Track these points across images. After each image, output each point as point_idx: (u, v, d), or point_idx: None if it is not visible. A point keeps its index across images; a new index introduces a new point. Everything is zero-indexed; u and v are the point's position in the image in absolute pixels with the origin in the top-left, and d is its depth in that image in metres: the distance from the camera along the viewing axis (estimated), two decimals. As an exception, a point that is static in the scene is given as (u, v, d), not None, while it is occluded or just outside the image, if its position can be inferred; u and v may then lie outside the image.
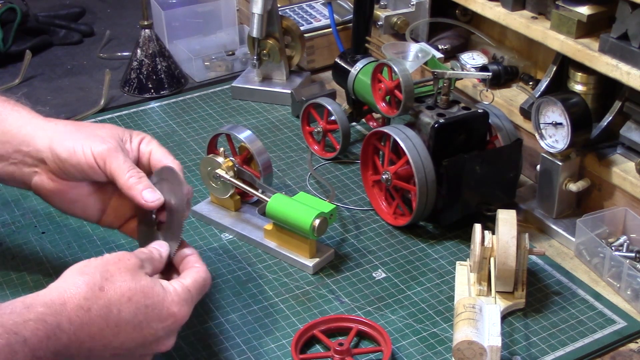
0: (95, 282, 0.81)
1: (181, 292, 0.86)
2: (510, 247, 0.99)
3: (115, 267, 0.83)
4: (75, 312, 0.79)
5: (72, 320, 0.78)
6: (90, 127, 0.98)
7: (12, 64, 1.70)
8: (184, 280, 0.88)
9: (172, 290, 0.86)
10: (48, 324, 0.77)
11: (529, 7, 1.26)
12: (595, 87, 1.18)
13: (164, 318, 0.84)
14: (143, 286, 0.83)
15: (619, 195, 1.15)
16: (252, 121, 1.47)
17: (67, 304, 0.79)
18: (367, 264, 1.12)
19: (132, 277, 0.83)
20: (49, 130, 0.96)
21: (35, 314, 0.77)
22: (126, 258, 0.85)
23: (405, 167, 1.14)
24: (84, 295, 0.80)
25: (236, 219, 1.19)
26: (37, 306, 0.77)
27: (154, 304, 0.83)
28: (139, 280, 0.83)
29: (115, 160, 0.94)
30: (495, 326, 0.90)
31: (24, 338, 0.75)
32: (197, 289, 0.89)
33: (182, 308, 0.86)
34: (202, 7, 1.73)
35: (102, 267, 0.82)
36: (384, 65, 1.19)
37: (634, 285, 1.04)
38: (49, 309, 0.78)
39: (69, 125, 0.98)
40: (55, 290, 0.80)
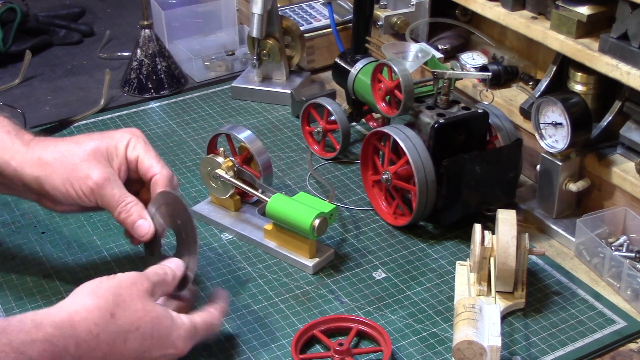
0: (108, 308, 0.81)
1: (188, 329, 0.87)
2: (510, 247, 0.99)
3: (127, 293, 0.83)
4: (84, 336, 0.79)
5: (79, 344, 0.79)
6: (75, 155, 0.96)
7: (12, 64, 1.70)
8: (194, 318, 0.89)
9: (181, 324, 0.87)
10: (55, 346, 0.77)
11: (529, 7, 1.26)
12: (595, 87, 1.18)
13: (167, 348, 0.85)
14: (153, 317, 0.84)
15: (619, 195, 1.15)
16: (252, 121, 1.47)
17: (77, 328, 0.79)
18: (367, 264, 1.12)
19: (143, 306, 0.83)
20: (33, 167, 0.96)
21: (43, 335, 0.77)
22: (139, 282, 0.85)
23: (405, 167, 1.14)
24: (94, 321, 0.80)
25: (236, 219, 1.19)
26: (46, 326, 0.77)
27: (160, 336, 0.84)
28: (150, 311, 0.84)
29: (105, 194, 0.94)
30: (495, 326, 0.90)
31: (30, 358, 0.75)
32: (204, 330, 0.90)
33: (186, 342, 0.87)
34: (202, 7, 1.73)
35: (114, 290, 0.83)
36: (384, 65, 1.19)
37: (634, 285, 1.04)
38: (57, 331, 0.78)
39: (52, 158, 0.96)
40: (65, 310, 0.80)
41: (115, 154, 0.98)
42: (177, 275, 0.91)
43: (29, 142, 0.97)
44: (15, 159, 0.96)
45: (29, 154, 0.96)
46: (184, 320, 0.88)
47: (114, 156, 0.97)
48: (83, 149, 0.96)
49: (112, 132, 0.99)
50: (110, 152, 0.97)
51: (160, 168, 0.98)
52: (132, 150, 0.98)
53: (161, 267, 0.90)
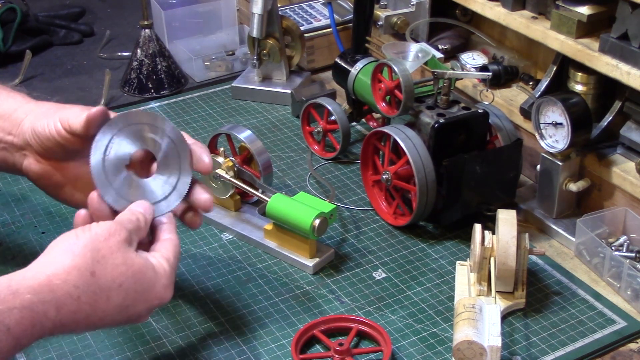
0: (87, 266, 0.78)
1: (170, 274, 0.85)
2: (511, 247, 0.99)
3: (106, 246, 0.80)
4: (64, 300, 0.77)
5: (59, 308, 0.76)
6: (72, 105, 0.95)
7: (12, 64, 1.70)
8: (169, 258, 0.86)
9: (162, 272, 0.84)
10: (34, 312, 0.75)
11: (529, 7, 1.26)
12: (595, 87, 1.18)
13: (151, 300, 0.83)
14: (135, 271, 0.81)
15: (619, 195, 1.15)
16: (252, 121, 1.47)
17: (56, 292, 0.76)
18: (367, 264, 1.12)
19: (123, 260, 0.81)
20: (34, 111, 0.96)
21: (20, 302, 0.74)
22: (117, 232, 0.82)
23: (405, 167, 1.14)
24: (74, 283, 0.77)
25: (236, 219, 1.19)
26: (23, 293, 0.75)
27: (144, 289, 0.82)
28: (131, 265, 0.81)
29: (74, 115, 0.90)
30: (495, 326, 0.90)
31: (8, 327, 0.73)
32: (176, 264, 0.87)
33: (168, 289, 0.85)
34: (202, 7, 1.73)
35: (92, 245, 0.79)
36: (384, 65, 1.19)
37: (634, 285, 1.04)
38: (36, 297, 0.75)
39: (52, 105, 0.96)
40: (42, 272, 0.77)
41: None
42: (148, 220, 0.87)
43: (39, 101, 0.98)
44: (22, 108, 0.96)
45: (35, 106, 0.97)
46: (165, 267, 0.85)
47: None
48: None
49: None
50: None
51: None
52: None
53: (132, 213, 0.87)
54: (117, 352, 0.97)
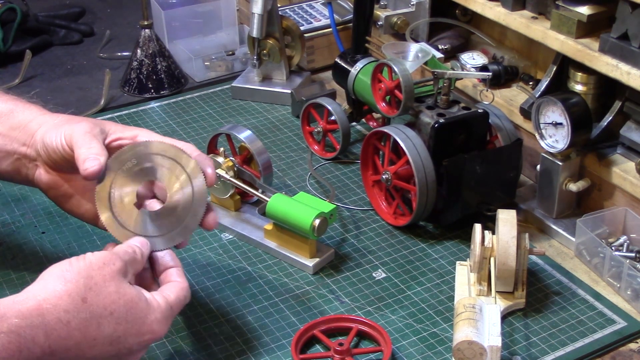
0: (78, 292, 0.78)
1: (164, 310, 0.84)
2: (511, 247, 0.99)
3: (99, 274, 0.80)
4: (54, 325, 0.76)
5: (48, 334, 0.75)
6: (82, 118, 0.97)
7: (12, 64, 1.70)
8: (168, 296, 0.86)
9: (157, 306, 0.83)
10: (22, 337, 0.74)
11: (529, 7, 1.26)
12: (595, 87, 1.18)
13: (143, 334, 0.82)
14: (127, 301, 0.80)
15: (619, 195, 1.15)
16: (252, 121, 1.47)
17: (46, 316, 0.75)
18: (367, 264, 1.12)
19: (116, 289, 0.80)
20: (47, 122, 0.97)
21: (8, 326, 0.73)
22: (111, 262, 0.81)
23: (405, 167, 1.14)
24: (65, 308, 0.76)
25: (236, 219, 1.19)
26: (11, 317, 0.74)
27: (135, 320, 0.81)
28: (124, 294, 0.80)
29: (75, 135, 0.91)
30: (495, 326, 0.90)
31: None
32: (178, 306, 0.86)
33: (163, 326, 0.84)
34: (202, 7, 1.73)
35: (85, 273, 0.79)
36: (384, 65, 1.19)
37: (634, 285, 1.04)
38: (24, 321, 0.74)
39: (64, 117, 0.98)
40: (33, 298, 0.76)
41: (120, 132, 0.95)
42: (144, 254, 0.87)
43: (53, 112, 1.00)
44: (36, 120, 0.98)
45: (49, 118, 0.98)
46: (159, 302, 0.84)
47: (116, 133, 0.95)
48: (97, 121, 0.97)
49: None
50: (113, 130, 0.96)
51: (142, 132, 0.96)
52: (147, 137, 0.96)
53: (128, 246, 0.87)
54: (117, 352, 0.97)
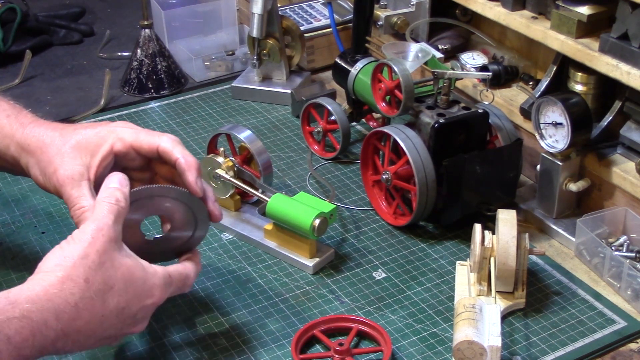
0: (79, 275, 0.79)
1: (162, 276, 0.87)
2: (511, 247, 0.99)
3: (93, 251, 0.81)
4: (63, 308, 0.78)
5: (59, 317, 0.77)
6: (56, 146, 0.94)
7: (12, 64, 1.70)
8: (168, 268, 0.88)
9: (153, 272, 0.86)
10: (34, 321, 0.76)
11: (529, 7, 1.26)
12: (595, 87, 1.18)
13: (144, 299, 0.84)
14: (124, 272, 0.83)
15: (619, 195, 1.15)
16: (252, 121, 1.47)
17: (54, 300, 0.77)
18: (367, 264, 1.12)
19: (112, 263, 0.82)
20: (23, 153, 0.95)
21: (20, 311, 0.75)
22: (100, 234, 0.82)
23: (405, 167, 1.14)
24: (70, 291, 0.78)
25: (236, 219, 1.19)
26: (22, 303, 0.76)
27: (136, 287, 0.83)
28: (120, 266, 0.82)
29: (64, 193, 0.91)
30: (495, 326, 0.90)
31: (7, 336, 0.74)
32: (178, 280, 0.89)
33: (162, 291, 0.86)
34: (202, 7, 1.73)
35: (80, 253, 0.80)
36: (384, 65, 1.19)
37: (634, 285, 1.04)
38: (34, 306, 0.76)
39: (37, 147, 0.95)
40: (39, 284, 0.78)
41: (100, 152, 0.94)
42: (125, 192, 0.87)
43: (26, 126, 0.97)
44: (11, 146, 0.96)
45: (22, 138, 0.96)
46: (156, 269, 0.86)
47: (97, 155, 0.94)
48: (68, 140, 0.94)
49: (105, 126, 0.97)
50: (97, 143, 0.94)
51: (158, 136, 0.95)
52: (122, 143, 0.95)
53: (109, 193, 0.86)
54: (117, 352, 0.97)
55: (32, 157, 0.95)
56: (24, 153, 0.96)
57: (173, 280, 0.88)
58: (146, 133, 0.96)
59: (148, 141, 0.95)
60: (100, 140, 0.95)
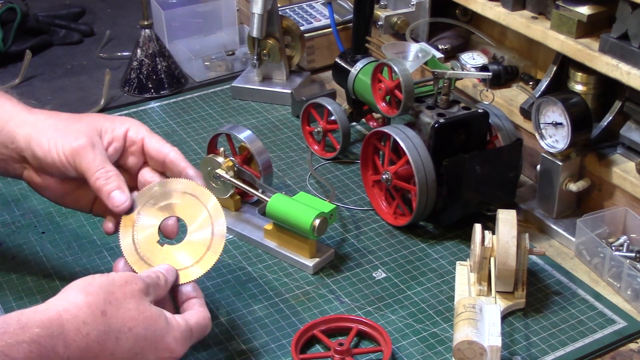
0: (98, 305, 0.78)
1: (184, 330, 0.85)
2: (511, 247, 0.99)
3: (120, 291, 0.81)
4: (73, 336, 0.76)
5: (68, 344, 0.76)
6: (69, 120, 0.95)
7: (12, 64, 1.70)
8: (189, 319, 0.87)
9: (176, 325, 0.84)
10: (43, 347, 0.74)
11: (529, 7, 1.26)
12: (596, 87, 1.18)
13: (161, 351, 0.83)
14: (147, 317, 0.81)
15: (619, 195, 1.15)
16: (252, 121, 1.47)
17: (65, 327, 0.76)
18: (367, 264, 1.12)
19: (136, 306, 0.81)
20: (28, 126, 0.95)
21: (29, 336, 0.74)
22: (133, 282, 0.83)
23: (405, 167, 1.14)
24: (84, 319, 0.77)
25: (236, 219, 1.19)
26: (32, 327, 0.75)
27: (155, 337, 0.82)
28: (144, 311, 0.82)
29: (85, 158, 0.92)
30: (495, 326, 0.90)
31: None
32: (198, 332, 0.87)
33: (181, 346, 0.85)
34: (202, 7, 1.73)
35: (106, 288, 0.80)
36: (384, 65, 1.19)
37: (634, 285, 1.04)
38: (45, 331, 0.75)
39: (48, 119, 0.96)
40: (54, 309, 0.77)
41: (111, 130, 0.96)
42: (169, 280, 0.89)
43: (33, 109, 0.98)
44: (14, 119, 0.96)
45: (28, 117, 0.96)
46: (179, 322, 0.85)
47: (108, 133, 0.95)
48: (80, 119, 0.96)
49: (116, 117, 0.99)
50: (105, 128, 0.95)
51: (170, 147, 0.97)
52: (135, 133, 0.97)
53: (153, 271, 0.88)
54: (117, 352, 0.97)
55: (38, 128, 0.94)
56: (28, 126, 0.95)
57: (194, 333, 0.87)
58: (159, 138, 0.98)
59: (159, 146, 0.97)
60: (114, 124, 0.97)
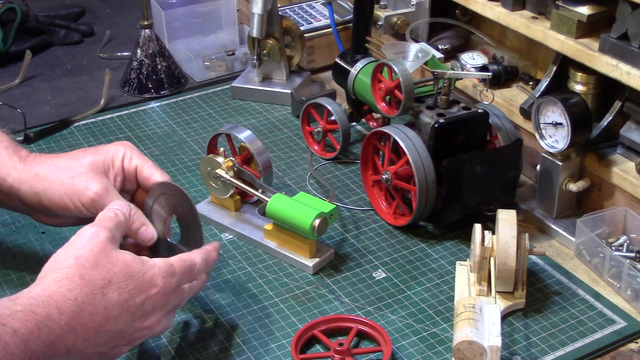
0: (73, 273, 0.81)
1: (162, 265, 0.87)
2: (511, 247, 0.99)
3: (87, 251, 0.83)
4: (63, 302, 0.79)
5: (61, 310, 0.78)
6: (72, 169, 0.97)
7: (12, 64, 1.70)
8: (169, 259, 0.89)
9: (152, 264, 0.87)
10: (37, 314, 0.77)
11: (529, 7, 1.26)
12: (595, 87, 1.18)
13: (147, 290, 0.85)
14: (121, 266, 0.84)
15: (619, 195, 1.15)
16: (252, 121, 1.47)
17: (53, 297, 0.79)
18: (367, 264, 1.12)
19: (107, 259, 0.83)
20: (32, 182, 0.97)
21: (22, 306, 0.77)
22: (96, 235, 0.84)
23: (405, 167, 1.14)
24: (67, 287, 0.80)
25: (236, 219, 1.19)
26: (23, 298, 0.78)
27: (135, 280, 0.84)
28: (116, 261, 0.84)
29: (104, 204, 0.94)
30: (495, 326, 0.90)
31: (13, 329, 0.74)
32: (181, 267, 0.89)
33: (165, 280, 0.87)
34: (202, 7, 1.73)
35: (74, 254, 0.82)
36: (384, 65, 1.19)
37: (634, 285, 1.04)
38: (35, 301, 0.78)
39: (49, 173, 0.97)
40: (38, 286, 0.80)
41: (112, 166, 0.99)
42: (126, 214, 0.91)
43: (26, 158, 0.99)
44: (12, 175, 0.98)
45: (26, 170, 0.98)
46: (156, 261, 0.88)
47: (110, 168, 0.99)
48: (79, 162, 0.98)
49: (105, 146, 1.01)
50: (106, 164, 0.99)
51: (161, 175, 1.00)
52: (129, 161, 1.00)
53: (109, 210, 0.90)
54: (117, 352, 0.97)
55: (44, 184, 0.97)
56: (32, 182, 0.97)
57: (176, 268, 0.89)
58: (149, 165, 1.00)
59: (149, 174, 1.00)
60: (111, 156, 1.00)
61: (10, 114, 1.46)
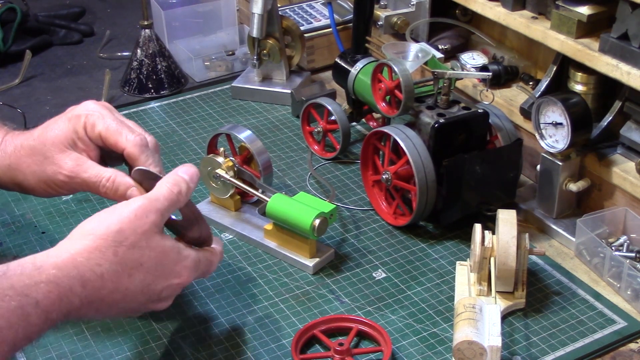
0: (108, 247, 0.80)
1: (194, 259, 0.88)
2: (511, 247, 0.99)
3: (129, 228, 0.81)
4: (89, 276, 0.78)
5: (85, 284, 0.78)
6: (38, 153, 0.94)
7: (12, 64, 1.70)
8: (199, 252, 0.90)
9: (187, 254, 0.87)
10: (60, 287, 0.76)
11: (529, 7, 1.26)
12: (596, 87, 1.18)
13: (171, 278, 0.85)
14: (158, 252, 0.83)
15: (619, 195, 1.15)
16: (252, 121, 1.47)
17: (80, 268, 0.78)
18: (367, 264, 1.12)
19: (147, 243, 0.82)
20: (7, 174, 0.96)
21: (47, 276, 0.76)
22: (144, 215, 0.82)
23: (405, 167, 1.14)
24: (97, 261, 0.79)
25: (236, 219, 1.19)
26: (48, 268, 0.77)
27: (164, 269, 0.84)
28: (155, 247, 0.83)
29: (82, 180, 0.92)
30: (495, 326, 0.90)
31: (36, 300, 0.74)
32: (205, 265, 0.90)
33: (190, 273, 0.87)
34: (202, 7, 1.73)
35: (116, 227, 0.81)
36: (384, 65, 1.19)
37: (634, 285, 1.04)
38: (60, 272, 0.77)
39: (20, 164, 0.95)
40: (66, 251, 0.79)
41: (77, 138, 0.94)
42: (191, 188, 0.87)
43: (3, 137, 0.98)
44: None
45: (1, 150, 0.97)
46: (190, 252, 0.88)
47: (76, 140, 0.94)
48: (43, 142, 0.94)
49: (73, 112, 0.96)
50: (70, 138, 0.94)
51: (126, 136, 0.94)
52: (91, 129, 0.94)
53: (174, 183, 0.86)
54: (117, 352, 0.97)
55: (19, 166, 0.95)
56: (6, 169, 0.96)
57: (201, 265, 0.90)
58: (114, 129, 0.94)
59: (115, 140, 0.94)
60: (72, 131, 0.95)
61: (10, 114, 1.46)
